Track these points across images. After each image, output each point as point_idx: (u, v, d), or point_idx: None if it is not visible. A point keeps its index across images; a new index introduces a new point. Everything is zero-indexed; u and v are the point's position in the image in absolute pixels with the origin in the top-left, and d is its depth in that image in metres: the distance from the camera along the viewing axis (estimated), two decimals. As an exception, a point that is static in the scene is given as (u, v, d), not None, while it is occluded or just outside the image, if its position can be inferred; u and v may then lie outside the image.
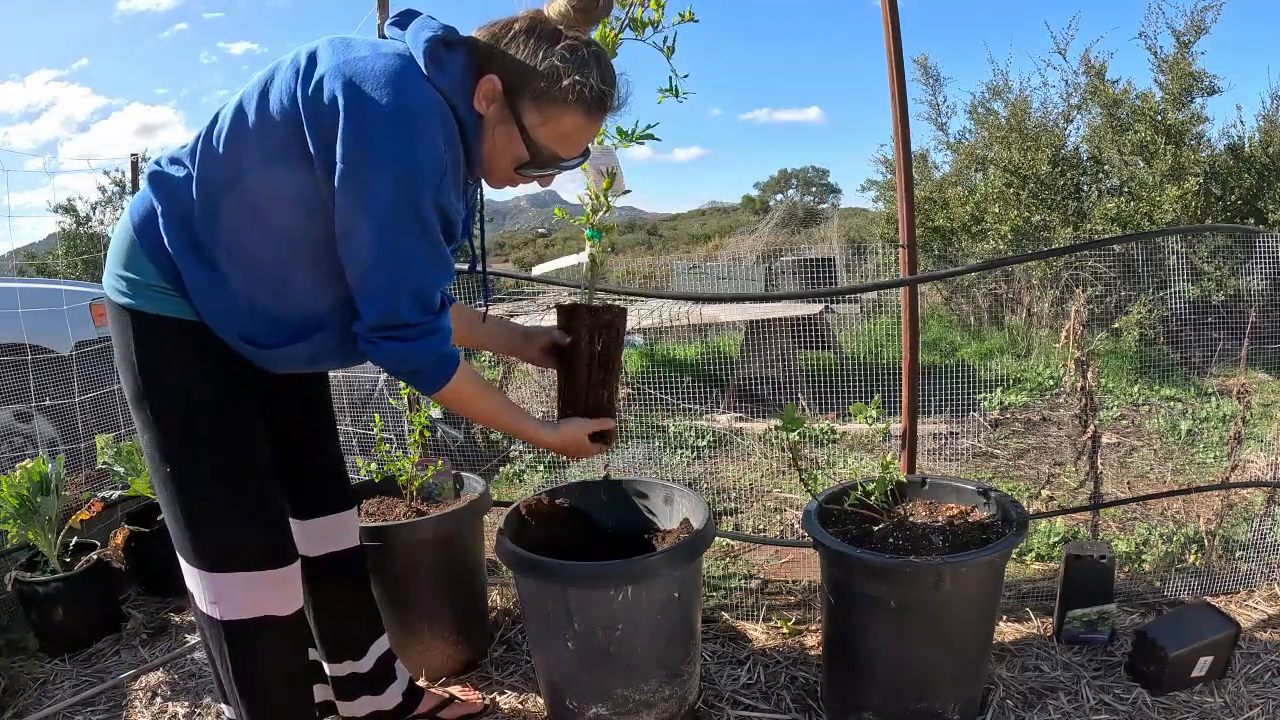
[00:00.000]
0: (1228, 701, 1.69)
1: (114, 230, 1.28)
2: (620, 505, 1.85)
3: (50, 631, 2.17)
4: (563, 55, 1.15)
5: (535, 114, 1.18)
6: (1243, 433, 2.25)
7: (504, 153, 1.21)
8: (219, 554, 1.26)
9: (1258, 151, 5.83)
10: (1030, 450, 3.70)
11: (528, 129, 1.18)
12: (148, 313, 1.21)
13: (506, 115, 1.18)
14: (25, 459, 2.30)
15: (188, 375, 1.23)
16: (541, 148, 1.20)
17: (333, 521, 1.56)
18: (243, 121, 1.15)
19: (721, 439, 3.92)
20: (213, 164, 1.17)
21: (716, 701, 1.80)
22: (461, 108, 1.16)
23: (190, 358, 1.23)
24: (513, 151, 1.21)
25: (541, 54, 1.16)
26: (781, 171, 45.35)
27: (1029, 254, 5.95)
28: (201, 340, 1.22)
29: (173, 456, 1.24)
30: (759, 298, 5.40)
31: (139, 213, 1.22)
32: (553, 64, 1.15)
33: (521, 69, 1.16)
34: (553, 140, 1.20)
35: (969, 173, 7.21)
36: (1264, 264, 4.85)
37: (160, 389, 1.23)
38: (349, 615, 1.61)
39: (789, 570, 2.49)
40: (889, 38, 1.95)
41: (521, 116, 1.17)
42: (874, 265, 6.12)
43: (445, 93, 1.14)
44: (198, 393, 1.24)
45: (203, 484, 1.25)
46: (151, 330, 1.21)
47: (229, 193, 1.17)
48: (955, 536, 1.64)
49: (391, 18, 1.24)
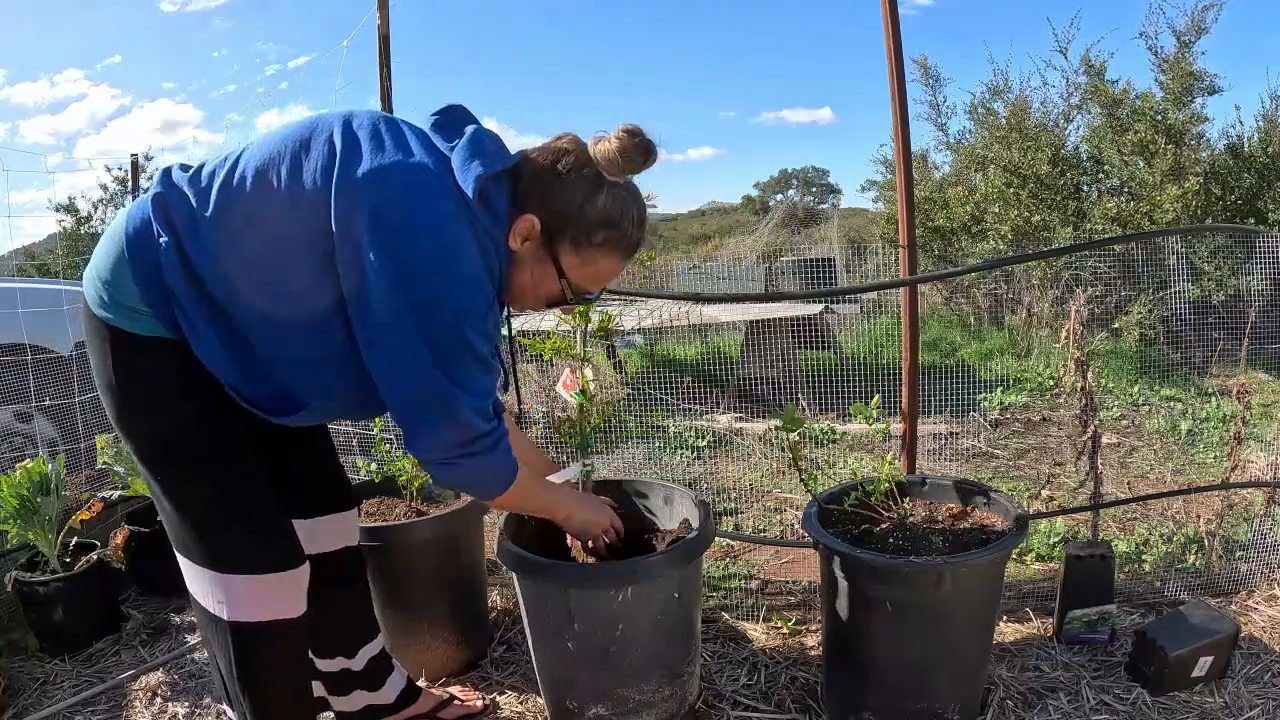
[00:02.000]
0: (1228, 701, 1.69)
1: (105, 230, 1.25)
2: (620, 505, 1.85)
3: (50, 631, 2.17)
4: (606, 206, 1.16)
5: (574, 257, 1.19)
6: (1243, 433, 2.25)
7: (537, 287, 1.23)
8: (227, 556, 1.26)
9: (1258, 151, 5.83)
10: (1030, 450, 3.70)
11: (565, 270, 1.20)
12: (128, 332, 1.18)
13: (543, 256, 1.19)
14: (25, 459, 2.30)
15: (167, 392, 1.21)
16: (576, 287, 1.23)
17: (333, 521, 1.55)
18: (270, 185, 1.13)
19: (721, 439, 3.92)
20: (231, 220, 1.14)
21: (716, 702, 1.80)
22: (501, 243, 1.17)
23: (168, 374, 1.20)
24: (546, 287, 1.23)
25: (586, 201, 1.16)
26: (782, 171, 45.37)
27: (1029, 254, 5.96)
28: (180, 357, 1.19)
29: (162, 470, 1.24)
30: (759, 298, 5.40)
31: (135, 227, 1.18)
32: (598, 214, 1.16)
33: (565, 214, 1.16)
34: (587, 280, 1.24)
35: (969, 173, 7.21)
36: (1264, 264, 4.85)
37: (141, 406, 1.22)
38: (343, 615, 1.60)
39: (789, 570, 2.49)
40: (889, 38, 1.95)
41: (559, 258, 1.19)
42: (874, 265, 6.13)
43: (488, 231, 1.14)
44: (178, 408, 1.21)
45: (197, 494, 1.24)
46: (128, 346, 1.19)
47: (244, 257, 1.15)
48: (955, 536, 1.64)
49: (434, 115, 1.22)
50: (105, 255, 1.20)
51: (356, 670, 1.62)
